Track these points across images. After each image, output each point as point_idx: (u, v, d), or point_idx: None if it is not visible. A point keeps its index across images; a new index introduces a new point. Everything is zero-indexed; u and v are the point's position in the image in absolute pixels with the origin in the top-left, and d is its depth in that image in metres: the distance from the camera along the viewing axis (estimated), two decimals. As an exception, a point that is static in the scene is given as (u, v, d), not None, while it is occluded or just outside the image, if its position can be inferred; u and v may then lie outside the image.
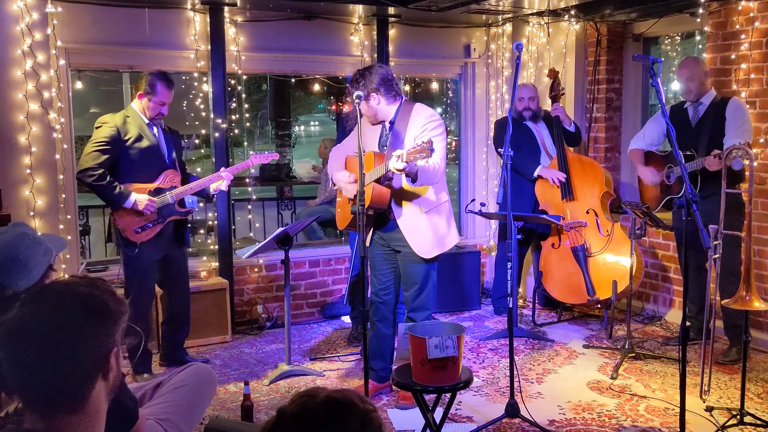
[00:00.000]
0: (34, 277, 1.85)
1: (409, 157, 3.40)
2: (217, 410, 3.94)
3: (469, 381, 3.23)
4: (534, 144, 5.46)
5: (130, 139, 4.12)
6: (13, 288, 1.80)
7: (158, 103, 4.16)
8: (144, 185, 4.18)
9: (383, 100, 3.82)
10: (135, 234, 4.15)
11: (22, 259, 1.85)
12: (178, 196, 4.26)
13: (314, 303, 5.80)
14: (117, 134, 4.08)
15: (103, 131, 4.08)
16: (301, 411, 1.21)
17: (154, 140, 4.22)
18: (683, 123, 4.56)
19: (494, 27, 6.29)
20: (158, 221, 4.20)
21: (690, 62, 4.61)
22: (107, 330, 1.45)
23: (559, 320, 5.59)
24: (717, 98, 4.57)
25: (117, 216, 4.14)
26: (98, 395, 1.44)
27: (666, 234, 5.46)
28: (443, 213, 3.91)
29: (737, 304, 3.51)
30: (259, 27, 5.42)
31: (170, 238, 4.34)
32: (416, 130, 3.75)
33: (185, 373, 2.46)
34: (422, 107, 3.86)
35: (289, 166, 10.57)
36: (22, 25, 4.41)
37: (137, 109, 4.20)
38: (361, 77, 3.79)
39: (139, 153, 4.15)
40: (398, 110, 3.85)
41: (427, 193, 3.83)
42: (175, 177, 4.31)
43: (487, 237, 6.55)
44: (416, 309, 3.93)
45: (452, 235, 3.95)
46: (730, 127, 4.37)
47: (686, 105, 4.65)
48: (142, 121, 4.18)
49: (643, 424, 3.69)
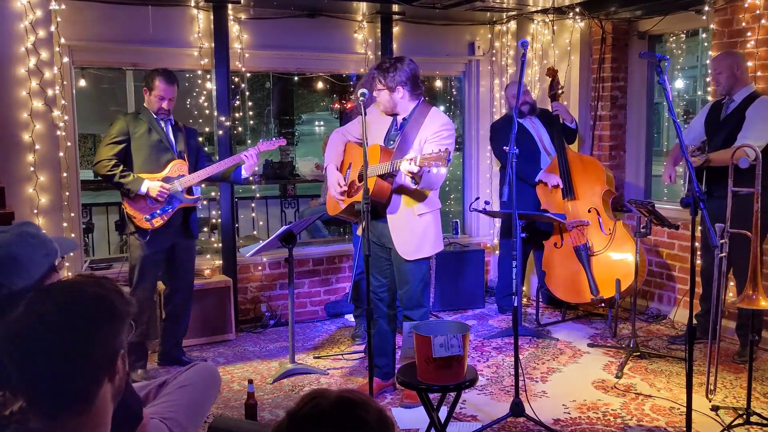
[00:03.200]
0: (32, 278, 1.83)
1: (423, 163, 3.40)
2: (221, 409, 3.93)
3: (475, 380, 3.22)
4: (533, 146, 5.44)
5: (138, 133, 4.36)
6: (10, 287, 1.78)
7: (158, 97, 4.36)
8: (152, 175, 4.34)
9: (407, 95, 3.82)
10: (146, 221, 4.31)
11: (19, 258, 1.83)
12: (185, 184, 4.39)
13: (318, 301, 5.79)
14: (126, 128, 4.35)
15: (115, 126, 4.37)
16: (315, 412, 1.18)
17: (162, 133, 4.41)
18: (716, 118, 4.53)
19: (498, 25, 6.27)
20: (167, 209, 4.35)
21: (720, 56, 4.55)
22: (114, 330, 1.43)
23: (563, 319, 5.57)
24: (753, 94, 4.42)
25: (128, 204, 4.31)
26: (105, 396, 1.43)
27: (671, 233, 5.44)
28: (434, 219, 3.90)
29: (744, 303, 3.49)
30: (262, 24, 5.41)
31: (178, 229, 4.46)
32: (427, 134, 3.73)
33: (189, 372, 2.45)
34: (438, 113, 3.85)
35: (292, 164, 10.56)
36: (26, 22, 4.40)
37: (147, 105, 4.44)
38: (393, 68, 3.77)
39: (147, 145, 4.37)
40: (414, 109, 3.84)
41: (425, 198, 3.83)
42: (183, 166, 4.44)
43: (491, 235, 6.53)
44: (411, 307, 3.91)
45: (438, 241, 3.95)
46: (747, 125, 4.29)
47: (724, 100, 4.59)
48: (151, 116, 4.41)
49: (648, 424, 3.67)
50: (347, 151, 4.04)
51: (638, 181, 6.06)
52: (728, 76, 4.45)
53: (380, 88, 3.80)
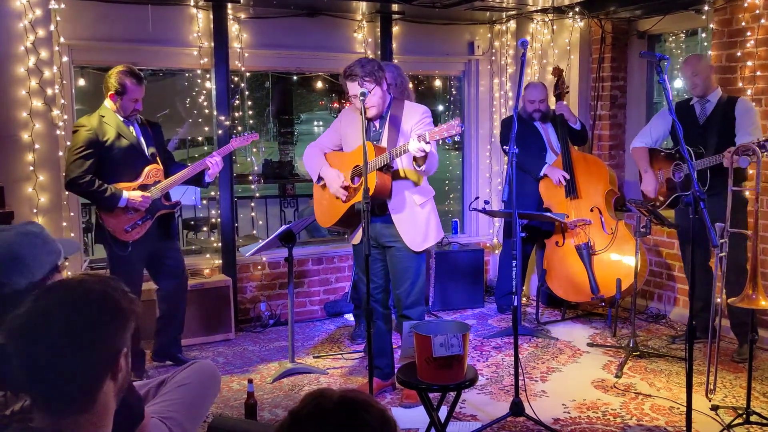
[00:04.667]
0: (35, 277, 1.83)
1: (434, 136, 3.41)
2: (221, 408, 3.93)
3: (475, 379, 3.22)
4: (540, 143, 5.45)
5: (108, 140, 4.04)
6: (13, 286, 1.78)
7: (131, 100, 4.07)
8: (128, 184, 4.12)
9: (388, 96, 3.89)
10: (125, 233, 4.09)
11: (22, 257, 1.83)
12: (162, 191, 4.20)
13: (317, 301, 5.79)
14: (95, 137, 4.01)
15: (81, 136, 4.00)
16: (317, 412, 1.18)
17: (133, 138, 4.15)
18: (690, 120, 4.54)
19: (498, 24, 6.27)
20: (147, 218, 4.15)
21: (693, 58, 4.60)
22: (119, 329, 1.43)
23: (562, 318, 5.57)
24: (724, 97, 4.54)
25: (105, 217, 4.07)
26: (107, 395, 1.43)
27: (670, 232, 5.44)
28: (432, 207, 3.95)
29: (744, 303, 3.49)
30: (262, 24, 5.40)
31: (155, 234, 4.25)
32: (412, 122, 3.78)
33: (188, 371, 2.45)
34: (413, 103, 3.93)
35: (291, 163, 10.57)
36: (26, 21, 4.40)
37: (111, 108, 4.11)
38: (380, 69, 3.78)
39: (119, 153, 4.08)
40: (389, 105, 3.88)
41: (421, 184, 3.87)
42: (158, 172, 4.24)
43: (491, 235, 6.53)
44: (411, 306, 3.90)
45: (439, 228, 3.99)
46: (742, 126, 4.35)
47: (693, 102, 4.63)
48: (118, 120, 4.10)
49: (648, 423, 3.67)
50: (329, 161, 4.03)
51: (638, 180, 6.04)
52: (705, 78, 4.50)
53: (372, 87, 3.73)
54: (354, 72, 3.72)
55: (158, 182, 4.20)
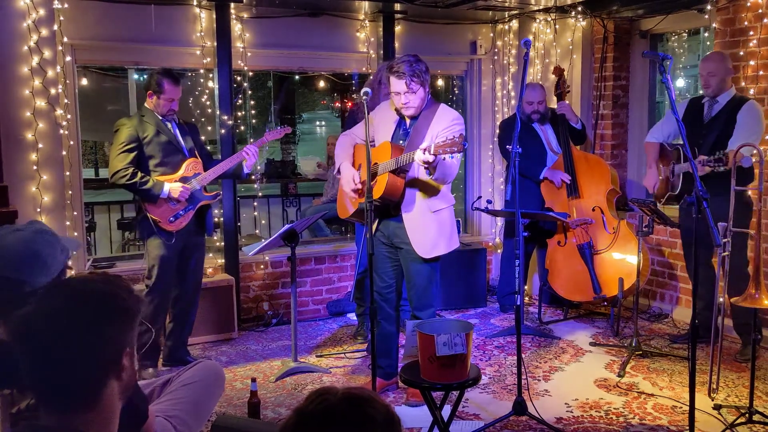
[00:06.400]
0: (52, 275, 1.84)
1: (437, 150, 3.38)
2: (224, 407, 3.94)
3: (478, 378, 3.22)
4: (539, 146, 5.45)
5: (148, 137, 4.28)
6: (32, 285, 1.79)
7: (167, 100, 4.31)
8: (169, 177, 4.31)
9: (427, 98, 3.84)
10: (169, 223, 4.29)
11: (42, 255, 1.84)
12: (202, 182, 4.38)
13: (320, 300, 5.80)
14: (135, 134, 4.26)
15: (123, 133, 4.25)
16: (322, 409, 1.19)
17: (171, 134, 4.37)
18: (697, 118, 4.53)
19: (500, 24, 6.27)
20: (189, 208, 4.35)
21: (716, 57, 4.54)
22: (123, 327, 1.44)
23: (565, 318, 5.58)
24: (736, 98, 4.49)
25: (150, 208, 4.26)
26: (112, 393, 1.43)
27: (673, 232, 5.44)
28: (450, 215, 3.92)
29: (747, 302, 3.49)
30: (265, 23, 5.41)
31: (192, 227, 4.42)
32: (439, 128, 3.73)
33: (193, 370, 2.46)
34: (447, 108, 3.86)
35: (294, 163, 10.58)
36: (29, 21, 4.41)
37: (150, 107, 4.36)
38: (427, 71, 3.76)
39: (158, 148, 4.31)
40: (425, 106, 3.83)
41: (439, 192, 3.82)
42: (197, 165, 4.43)
43: (493, 234, 6.54)
44: (420, 308, 3.91)
45: (454, 238, 3.95)
46: (740, 130, 4.33)
47: (704, 100, 4.60)
48: (157, 118, 4.34)
49: (651, 423, 3.68)
50: (356, 153, 4.03)
51: (640, 180, 6.05)
52: (720, 78, 4.48)
53: (414, 88, 3.71)
54: (401, 69, 3.70)
55: (197, 174, 4.39)
